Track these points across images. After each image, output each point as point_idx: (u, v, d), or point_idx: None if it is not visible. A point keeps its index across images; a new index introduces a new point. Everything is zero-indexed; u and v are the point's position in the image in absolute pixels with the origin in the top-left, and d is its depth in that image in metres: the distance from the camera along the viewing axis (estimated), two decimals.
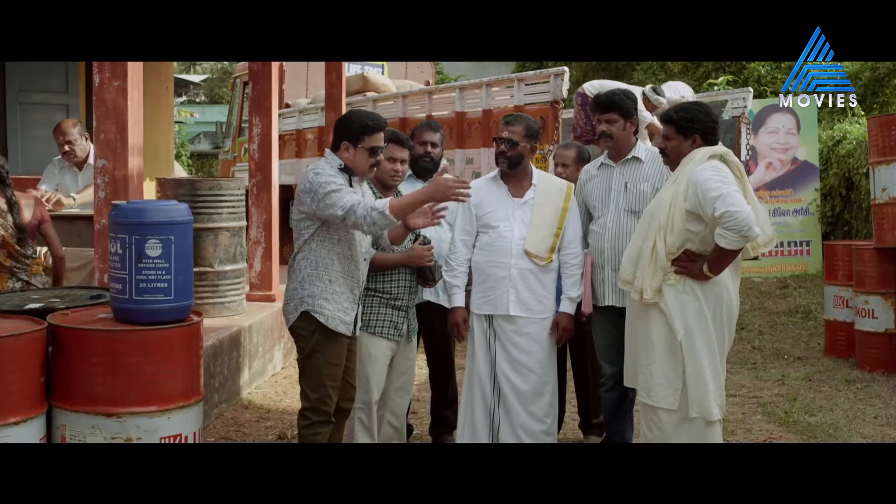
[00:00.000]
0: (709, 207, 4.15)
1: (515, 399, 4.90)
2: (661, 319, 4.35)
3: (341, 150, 4.36)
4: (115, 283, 4.03)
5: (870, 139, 7.81)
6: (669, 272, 4.31)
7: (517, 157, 4.90)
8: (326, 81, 9.81)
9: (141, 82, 5.27)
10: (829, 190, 12.94)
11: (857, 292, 7.79)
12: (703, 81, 15.85)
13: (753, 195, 4.41)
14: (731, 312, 4.38)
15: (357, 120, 4.39)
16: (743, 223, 4.09)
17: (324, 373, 4.36)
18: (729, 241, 4.12)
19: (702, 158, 4.32)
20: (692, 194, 4.23)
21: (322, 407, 4.37)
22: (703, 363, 4.29)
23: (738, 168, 4.37)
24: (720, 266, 4.24)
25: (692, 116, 4.43)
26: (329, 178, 4.24)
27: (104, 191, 5.20)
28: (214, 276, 6.75)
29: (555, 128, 8.34)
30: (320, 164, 4.39)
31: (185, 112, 27.21)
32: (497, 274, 4.88)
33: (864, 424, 6.07)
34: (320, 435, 4.36)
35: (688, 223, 4.28)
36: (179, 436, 4.03)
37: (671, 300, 4.30)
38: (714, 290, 4.31)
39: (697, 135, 4.40)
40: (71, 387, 3.90)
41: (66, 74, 9.41)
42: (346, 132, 4.36)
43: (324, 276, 4.33)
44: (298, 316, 4.34)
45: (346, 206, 4.15)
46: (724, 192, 4.13)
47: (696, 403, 4.29)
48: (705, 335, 4.30)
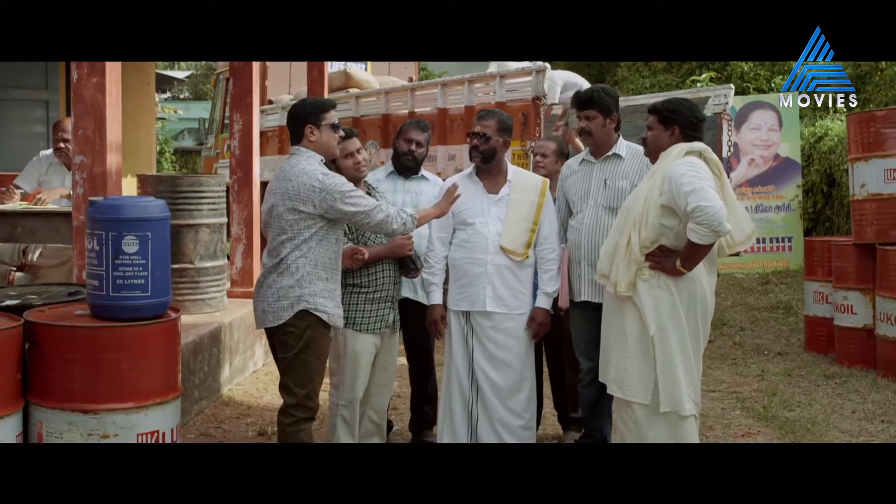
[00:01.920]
0: (682, 202, 4.17)
1: (493, 395, 4.91)
2: (634, 314, 4.36)
3: (307, 137, 4.39)
4: (92, 279, 4.04)
5: (849, 136, 7.86)
6: (644, 267, 4.33)
7: (490, 151, 4.91)
8: (308, 78, 9.81)
9: (119, 79, 5.27)
10: (810, 186, 13.00)
11: (837, 288, 7.84)
12: (686, 78, 15.90)
13: (731, 192, 4.43)
14: (706, 308, 4.40)
15: (311, 102, 4.53)
16: (714, 218, 4.10)
17: (313, 369, 4.37)
18: (700, 236, 4.14)
19: (679, 154, 4.34)
20: (667, 189, 4.25)
21: (308, 403, 4.37)
22: (675, 358, 4.30)
23: (717, 165, 4.39)
24: (693, 261, 4.26)
25: (675, 108, 4.45)
26: (339, 178, 4.33)
27: (82, 187, 5.19)
28: (195, 272, 6.75)
29: (536, 124, 8.37)
30: (305, 163, 4.36)
31: (168, 109, 27.12)
32: (473, 270, 4.90)
33: (842, 419, 6.10)
34: (303, 432, 4.35)
35: (662, 218, 4.30)
36: (157, 432, 4.04)
37: (645, 295, 4.32)
38: (688, 285, 4.33)
39: (677, 127, 4.42)
40: (48, 383, 3.90)
41: (46, 71, 9.39)
42: (307, 115, 4.41)
43: (322, 274, 4.35)
44: (294, 314, 4.33)
45: (372, 205, 4.33)
46: (697, 186, 4.15)
47: (667, 398, 4.31)
48: (678, 330, 4.31)
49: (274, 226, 4.38)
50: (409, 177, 5.42)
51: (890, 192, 7.32)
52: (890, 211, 7.33)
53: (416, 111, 9.71)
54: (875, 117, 7.49)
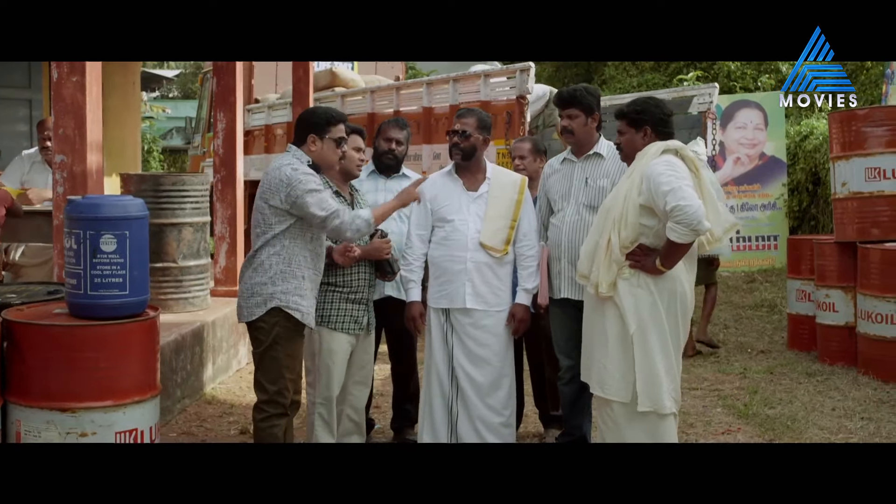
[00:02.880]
0: (660, 201, 4.19)
1: (473, 392, 4.93)
2: (615, 313, 4.38)
3: (308, 144, 4.41)
4: (70, 278, 4.05)
5: (830, 135, 7.90)
6: (624, 266, 4.34)
7: (470, 148, 4.94)
8: (294, 77, 9.81)
9: (100, 78, 5.27)
10: (796, 185, 13.04)
11: (819, 286, 7.88)
12: (674, 77, 15.93)
13: (710, 190, 4.44)
14: (686, 306, 4.42)
15: (322, 112, 4.51)
16: (693, 217, 4.12)
17: (283, 365, 4.38)
18: (679, 235, 4.16)
19: (656, 153, 4.35)
20: (645, 188, 4.27)
21: (279, 399, 4.38)
22: (655, 357, 4.32)
23: (694, 163, 4.41)
24: (672, 260, 4.28)
25: (642, 108, 4.48)
26: (307, 175, 4.30)
27: (62, 186, 5.19)
28: (178, 271, 6.75)
29: (521, 123, 8.39)
30: (288, 158, 4.39)
31: (157, 108, 27.02)
32: (453, 268, 4.92)
33: (822, 416, 6.13)
34: (276, 427, 4.37)
35: (641, 217, 4.32)
36: (135, 430, 4.06)
37: (625, 294, 4.34)
38: (668, 284, 4.34)
39: (648, 126, 4.44)
40: (26, 382, 3.92)
41: (29, 69, 9.37)
42: (312, 125, 4.42)
43: (297, 272, 4.36)
44: (266, 311, 4.34)
45: (329, 209, 4.27)
46: (676, 185, 4.16)
47: (647, 397, 4.32)
48: (658, 329, 4.33)
49: (253, 220, 4.43)
50: (390, 175, 5.45)
51: (871, 190, 7.36)
52: (871, 209, 7.38)
53: (402, 110, 9.74)
54: (856, 116, 7.53)
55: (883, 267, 7.15)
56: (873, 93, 13.35)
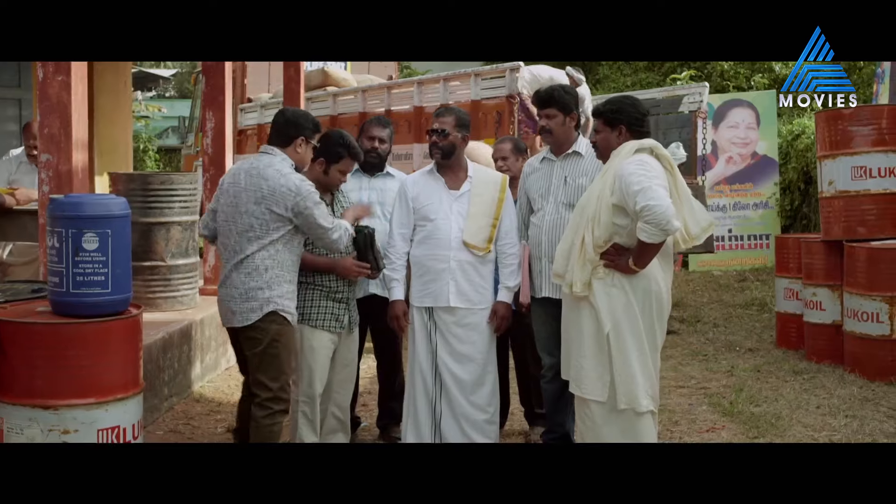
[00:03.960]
0: (631, 201, 4.20)
1: (457, 390, 4.96)
2: (591, 313, 4.40)
3: (294, 146, 4.54)
4: (53, 276, 4.07)
5: (817, 134, 7.93)
6: (598, 266, 4.37)
7: (449, 146, 4.97)
8: (285, 76, 9.83)
9: (85, 77, 5.29)
10: (788, 184, 13.08)
11: (806, 284, 7.91)
12: (667, 76, 15.95)
13: (685, 188, 4.46)
14: (662, 305, 4.43)
15: (311, 118, 4.67)
16: (662, 217, 4.12)
17: (284, 361, 4.48)
18: (649, 235, 4.18)
19: (629, 152, 4.37)
20: (618, 188, 4.28)
21: (283, 396, 4.48)
22: (630, 356, 4.33)
23: (668, 161, 4.43)
24: (644, 260, 4.30)
25: (618, 108, 4.51)
26: (311, 185, 4.44)
27: (48, 185, 5.22)
28: (166, 270, 6.78)
29: (511, 122, 8.42)
30: (279, 164, 4.46)
31: (152, 107, 26.99)
32: (436, 266, 4.94)
33: (807, 414, 6.16)
34: (278, 425, 4.46)
35: (614, 217, 4.34)
36: (118, 427, 4.07)
37: (599, 294, 4.36)
38: (642, 283, 4.36)
39: (623, 125, 4.46)
40: (8, 379, 3.94)
41: (19, 69, 9.37)
42: (302, 128, 4.55)
43: (287, 276, 4.48)
44: (263, 315, 4.42)
45: (331, 223, 4.46)
46: (646, 185, 4.18)
47: (623, 396, 4.34)
48: (633, 328, 4.35)
49: (240, 222, 4.43)
50: (374, 174, 5.47)
51: (857, 189, 7.39)
52: (857, 208, 7.41)
53: (393, 109, 9.77)
54: (842, 115, 7.56)
55: (869, 266, 7.18)
56: (866, 92, 13.38)
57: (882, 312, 7.04)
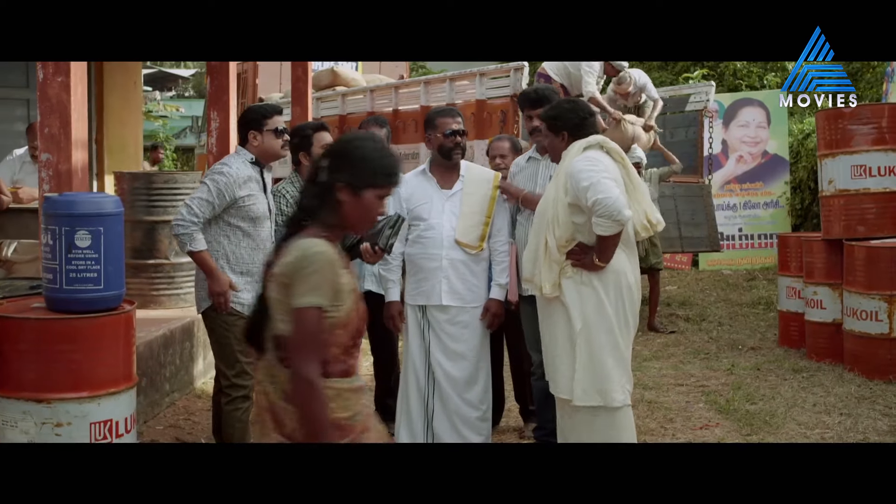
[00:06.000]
0: (583, 198, 4.28)
1: (450, 387, 5.01)
2: (562, 312, 4.45)
3: (249, 142, 4.73)
4: (47, 273, 4.16)
5: (818, 133, 7.95)
6: (566, 265, 4.43)
7: (465, 145, 5.11)
8: (293, 76, 9.90)
9: (85, 77, 5.35)
10: (798, 183, 13.07)
11: (807, 283, 7.92)
12: (680, 75, 15.95)
13: (638, 178, 4.55)
14: (633, 296, 4.48)
15: (257, 108, 4.90)
16: (612, 208, 4.20)
17: (236, 349, 4.60)
18: (604, 228, 4.25)
19: (578, 151, 4.45)
20: (570, 187, 4.36)
21: (239, 383, 4.60)
22: (604, 353, 4.38)
23: (618, 153, 4.50)
24: (607, 253, 4.36)
25: (557, 115, 4.60)
26: (221, 178, 4.63)
27: (48, 184, 5.29)
28: (170, 268, 6.89)
29: (515, 121, 8.46)
30: (230, 158, 4.76)
31: (170, 107, 27.27)
32: (429, 265, 5.00)
33: (802, 412, 6.18)
34: (241, 411, 4.56)
35: (572, 216, 4.40)
36: (110, 421, 4.15)
37: (570, 292, 4.41)
38: (612, 277, 4.41)
39: (565, 131, 4.55)
40: (2, 373, 4.03)
41: (27, 69, 9.47)
42: (250, 121, 4.74)
43: (237, 268, 4.71)
44: (210, 305, 4.65)
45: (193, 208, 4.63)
46: (594, 180, 4.25)
47: (597, 392, 4.39)
48: (606, 325, 4.39)
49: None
50: None
51: (856, 188, 7.41)
52: (856, 207, 7.42)
53: (401, 108, 9.86)
54: (842, 114, 7.56)
55: (868, 264, 7.19)
56: (878, 90, 13.34)
57: (881, 311, 7.05)
